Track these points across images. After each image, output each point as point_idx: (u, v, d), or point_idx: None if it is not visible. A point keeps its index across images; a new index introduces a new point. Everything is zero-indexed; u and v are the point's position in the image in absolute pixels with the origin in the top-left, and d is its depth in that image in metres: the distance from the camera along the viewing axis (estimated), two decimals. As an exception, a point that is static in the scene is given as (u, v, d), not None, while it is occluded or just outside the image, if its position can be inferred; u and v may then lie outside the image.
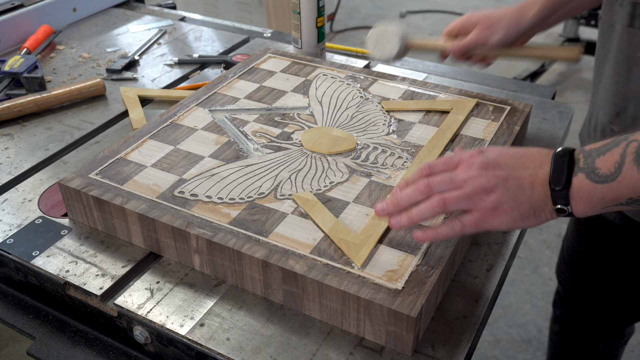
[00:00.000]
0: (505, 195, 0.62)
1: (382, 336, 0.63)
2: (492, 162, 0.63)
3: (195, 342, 0.65)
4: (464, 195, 0.63)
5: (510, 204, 0.62)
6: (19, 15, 1.29)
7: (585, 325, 1.22)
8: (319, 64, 1.07)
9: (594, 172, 0.59)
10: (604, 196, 0.59)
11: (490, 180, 0.62)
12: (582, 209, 0.60)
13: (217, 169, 0.80)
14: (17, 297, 0.77)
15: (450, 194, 0.63)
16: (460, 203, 0.63)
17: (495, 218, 0.63)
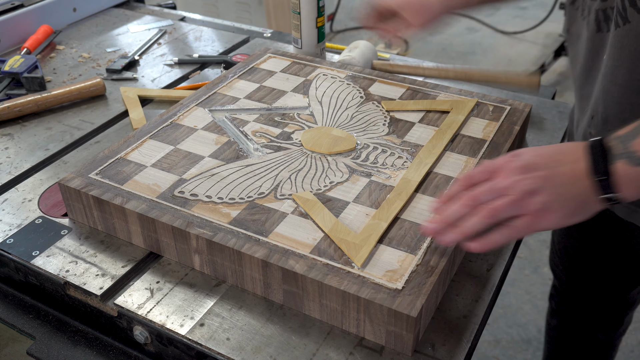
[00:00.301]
0: (551, 195, 0.62)
1: (382, 336, 0.63)
2: (530, 165, 0.63)
3: (195, 342, 0.65)
4: (511, 202, 0.62)
5: (558, 202, 0.62)
6: (19, 15, 1.29)
7: (584, 316, 1.22)
8: (319, 64, 1.07)
9: (634, 155, 0.60)
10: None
11: (533, 182, 0.62)
12: (631, 192, 0.61)
13: (217, 169, 0.80)
14: (17, 297, 0.77)
15: (498, 202, 0.63)
16: (510, 210, 0.63)
17: (545, 219, 0.62)
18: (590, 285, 1.17)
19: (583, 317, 1.23)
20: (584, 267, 1.15)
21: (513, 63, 3.29)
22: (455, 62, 3.33)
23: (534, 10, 3.87)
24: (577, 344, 1.29)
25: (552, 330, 1.33)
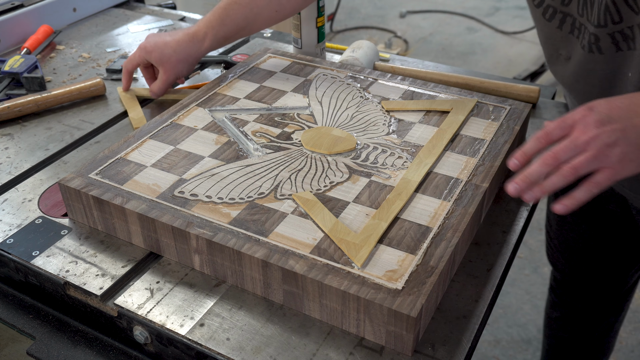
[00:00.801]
0: (628, 146, 0.64)
1: (382, 336, 0.63)
2: (606, 118, 0.65)
3: (195, 342, 0.65)
4: (591, 157, 0.64)
5: (635, 152, 0.64)
6: (19, 15, 1.29)
7: (587, 305, 1.23)
8: (319, 64, 1.07)
9: None
10: None
11: (610, 135, 0.64)
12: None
13: (217, 169, 0.80)
14: (17, 297, 0.77)
15: (579, 159, 0.64)
16: (590, 165, 0.64)
17: (625, 169, 0.64)
18: (592, 273, 1.18)
19: (586, 306, 1.23)
20: (585, 257, 1.16)
21: (513, 63, 3.29)
22: (455, 62, 3.33)
23: (534, 10, 3.87)
24: (579, 334, 1.29)
25: (554, 323, 1.34)
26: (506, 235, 0.79)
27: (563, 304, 1.28)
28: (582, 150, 0.65)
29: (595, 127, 0.65)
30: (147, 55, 1.01)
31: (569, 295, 1.25)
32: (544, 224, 2.18)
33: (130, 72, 1.07)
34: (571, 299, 1.25)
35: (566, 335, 1.32)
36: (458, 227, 0.71)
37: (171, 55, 0.99)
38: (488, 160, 0.82)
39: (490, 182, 0.78)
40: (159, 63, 1.01)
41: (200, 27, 1.00)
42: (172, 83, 1.05)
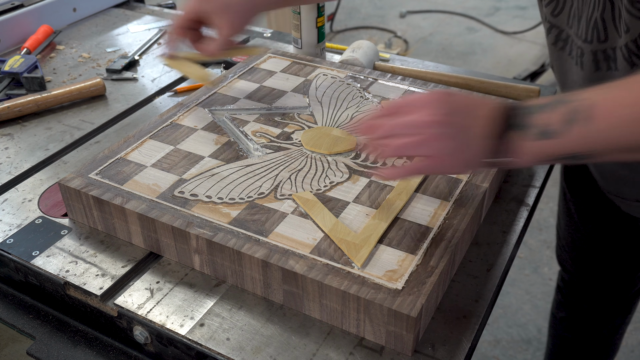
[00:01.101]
0: (461, 143, 0.64)
1: (382, 336, 0.63)
2: (448, 108, 0.65)
3: (195, 342, 0.65)
4: (421, 141, 0.65)
5: (462, 151, 0.65)
6: (19, 15, 1.29)
7: (594, 306, 1.23)
8: (319, 64, 1.07)
9: (536, 127, 0.61)
10: (544, 150, 0.61)
11: (442, 128, 0.64)
12: (527, 161, 0.63)
13: (217, 169, 0.80)
14: (17, 297, 0.77)
15: (409, 139, 0.65)
16: (420, 148, 0.65)
17: (447, 164, 0.66)
18: (600, 274, 1.17)
19: (593, 308, 1.23)
20: (593, 258, 1.15)
21: (513, 63, 3.29)
22: (455, 62, 3.33)
23: (534, 10, 3.87)
24: (584, 335, 1.29)
25: (559, 323, 1.33)
26: (506, 235, 0.79)
27: (569, 304, 1.28)
28: (417, 133, 0.65)
29: (431, 113, 0.65)
30: (206, 3, 0.86)
31: (576, 295, 1.25)
32: (544, 224, 2.19)
33: (181, 28, 0.89)
34: (577, 299, 1.25)
35: (571, 336, 1.32)
36: (458, 227, 0.71)
37: (237, 3, 0.86)
38: (488, 160, 0.82)
39: (490, 182, 0.78)
40: (223, 11, 0.86)
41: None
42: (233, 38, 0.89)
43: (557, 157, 0.62)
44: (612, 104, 0.58)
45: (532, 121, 0.61)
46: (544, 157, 0.62)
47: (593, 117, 0.58)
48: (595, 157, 0.62)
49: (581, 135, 0.59)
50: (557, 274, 1.30)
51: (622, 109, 0.58)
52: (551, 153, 0.61)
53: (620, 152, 0.60)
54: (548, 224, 2.22)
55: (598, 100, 0.59)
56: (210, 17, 0.87)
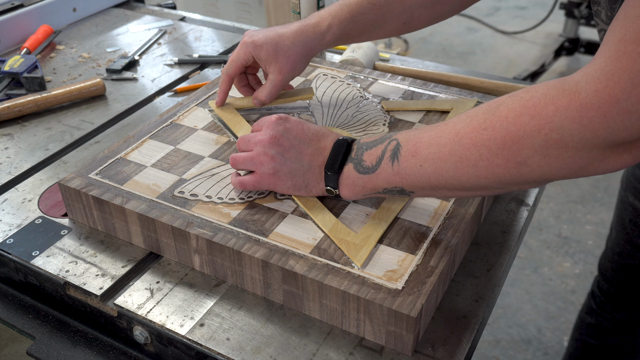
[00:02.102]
0: (283, 165, 0.71)
1: (382, 336, 0.63)
2: (281, 138, 0.71)
3: (195, 342, 0.65)
4: (248, 158, 0.73)
5: (286, 174, 0.71)
6: (19, 15, 1.29)
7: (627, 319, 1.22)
8: (319, 64, 1.07)
9: (361, 164, 0.67)
10: (364, 185, 0.67)
11: (275, 149, 0.71)
12: (347, 193, 0.70)
13: (217, 169, 0.80)
14: (17, 297, 0.77)
15: (240, 156, 0.74)
16: (246, 164, 0.73)
17: (271, 182, 0.72)
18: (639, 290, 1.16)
19: (626, 319, 1.22)
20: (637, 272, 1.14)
21: (513, 63, 3.29)
22: (455, 62, 3.33)
23: (534, 10, 3.87)
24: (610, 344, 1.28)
25: (586, 328, 1.32)
26: (506, 235, 0.79)
27: (601, 313, 1.26)
28: (249, 148, 0.73)
29: (271, 138, 0.71)
30: (256, 50, 0.84)
31: (610, 305, 1.24)
32: (544, 224, 2.19)
33: (233, 77, 0.88)
34: (611, 309, 1.24)
35: (597, 344, 1.31)
36: (458, 227, 0.71)
37: (289, 48, 0.83)
38: (488, 160, 0.82)
39: (490, 182, 0.78)
40: (273, 59, 0.84)
41: (324, 17, 0.85)
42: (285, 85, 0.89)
43: (376, 191, 0.67)
44: (414, 144, 0.63)
45: (363, 157, 0.67)
46: (365, 191, 0.68)
47: (399, 157, 0.64)
48: (413, 193, 0.66)
49: (388, 173, 0.65)
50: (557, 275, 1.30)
51: (424, 148, 0.62)
52: (370, 187, 0.67)
53: (432, 189, 0.64)
54: (548, 224, 2.22)
55: (406, 140, 0.64)
56: (260, 63, 0.87)
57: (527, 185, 0.60)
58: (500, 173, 0.58)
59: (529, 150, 0.55)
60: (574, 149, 0.53)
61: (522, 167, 0.57)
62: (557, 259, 2.07)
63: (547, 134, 0.54)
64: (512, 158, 0.56)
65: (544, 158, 0.55)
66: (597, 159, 0.54)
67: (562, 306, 1.89)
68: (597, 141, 0.52)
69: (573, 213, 2.27)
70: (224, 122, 0.89)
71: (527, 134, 0.55)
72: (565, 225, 2.21)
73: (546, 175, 0.57)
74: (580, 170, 0.55)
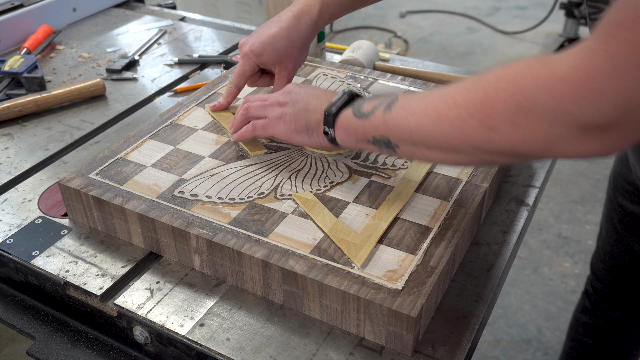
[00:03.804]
0: (289, 110, 0.77)
1: (382, 336, 0.63)
2: (295, 90, 0.79)
3: (195, 342, 0.65)
4: (261, 105, 0.80)
5: (291, 117, 0.76)
6: (19, 15, 1.29)
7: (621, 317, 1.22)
8: (319, 64, 1.07)
9: (359, 109, 0.70)
10: (357, 129, 0.70)
11: (285, 97, 0.78)
12: (340, 135, 0.72)
13: (217, 169, 0.80)
14: (17, 297, 0.77)
15: (254, 103, 0.81)
16: (259, 110, 0.80)
17: (276, 126, 0.78)
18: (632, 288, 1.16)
19: (620, 318, 1.22)
20: (628, 271, 1.14)
21: (513, 63, 3.28)
22: (455, 62, 3.33)
23: (534, 10, 3.87)
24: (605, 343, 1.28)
25: (581, 327, 1.32)
26: (506, 235, 0.79)
27: (595, 312, 1.27)
28: (263, 100, 0.80)
29: (287, 91, 0.79)
30: (259, 58, 0.88)
31: (604, 304, 1.24)
32: (544, 224, 2.19)
33: (240, 88, 0.92)
34: (605, 308, 1.24)
35: (592, 342, 1.31)
36: (458, 227, 0.71)
37: (287, 46, 0.86)
38: (488, 160, 0.82)
39: (490, 182, 0.78)
40: (276, 62, 0.88)
41: (309, 2, 0.87)
42: (294, 75, 0.92)
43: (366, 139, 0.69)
44: (408, 99, 0.66)
45: (363, 105, 0.70)
46: (357, 136, 0.70)
47: (392, 107, 0.66)
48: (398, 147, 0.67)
49: (379, 120, 0.67)
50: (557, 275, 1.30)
51: (414, 103, 0.65)
52: (361, 133, 0.69)
53: (413, 144, 0.65)
54: (548, 224, 2.22)
55: (404, 96, 0.67)
56: (265, 67, 0.90)
57: (497, 155, 0.60)
58: (473, 135, 0.59)
59: (500, 115, 0.56)
60: (542, 121, 0.54)
61: (492, 132, 0.57)
62: (557, 259, 2.07)
63: (519, 101, 0.54)
64: (485, 121, 0.57)
65: (513, 126, 0.56)
66: (565, 139, 0.54)
67: (562, 306, 1.89)
68: (566, 117, 0.52)
69: (573, 213, 2.27)
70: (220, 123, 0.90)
71: (501, 98, 0.56)
72: (565, 225, 2.21)
73: (514, 147, 0.57)
74: (547, 147, 0.55)
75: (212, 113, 0.92)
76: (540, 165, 0.92)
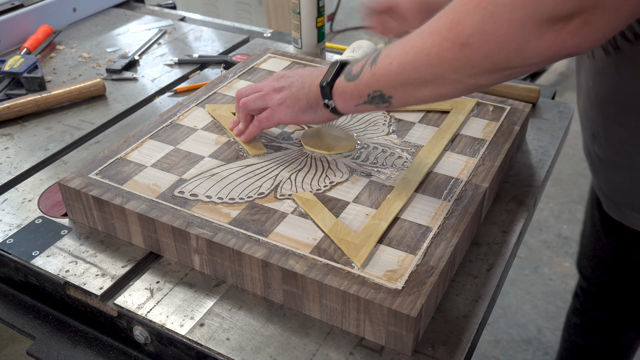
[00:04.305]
0: (288, 94, 0.78)
1: (382, 336, 0.63)
2: (287, 73, 0.81)
3: (195, 342, 0.65)
4: (258, 95, 0.81)
5: (292, 100, 0.78)
6: (19, 15, 1.29)
7: (609, 318, 1.22)
8: (319, 64, 1.07)
9: (349, 73, 0.72)
10: (352, 92, 0.72)
11: (279, 83, 0.80)
12: (340, 104, 0.74)
13: (217, 169, 0.80)
14: (17, 297, 0.77)
15: (250, 96, 0.82)
16: (257, 101, 0.81)
17: (281, 112, 0.79)
18: (618, 289, 1.16)
19: (608, 318, 1.22)
20: (613, 269, 1.14)
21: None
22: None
23: (534, 10, 3.86)
24: (596, 345, 1.28)
25: (573, 329, 1.33)
26: (506, 235, 0.79)
27: (585, 312, 1.27)
28: (257, 91, 0.82)
29: (276, 77, 0.81)
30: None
31: (592, 304, 1.24)
32: (544, 224, 2.19)
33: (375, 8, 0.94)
34: (594, 308, 1.24)
35: (584, 343, 1.31)
36: (458, 227, 0.71)
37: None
38: (488, 160, 0.82)
39: (490, 182, 0.78)
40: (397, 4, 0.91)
41: None
42: None
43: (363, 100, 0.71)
44: (391, 47, 0.68)
45: (352, 68, 0.72)
46: (353, 99, 0.72)
47: (376, 60, 0.68)
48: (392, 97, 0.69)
49: (368, 76, 0.69)
50: (557, 275, 1.30)
51: (395, 47, 0.66)
52: (357, 94, 0.71)
53: (402, 87, 0.67)
54: (548, 224, 2.22)
55: (387, 47, 0.69)
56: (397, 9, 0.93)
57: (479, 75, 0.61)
58: (449, 57, 0.60)
59: (469, 28, 0.58)
60: (508, 22, 0.55)
61: (466, 48, 0.59)
62: (557, 259, 2.07)
63: (485, 7, 0.56)
64: (456, 39, 0.59)
65: (483, 35, 0.57)
66: (534, 36, 0.55)
67: (562, 306, 1.89)
68: (528, 12, 0.54)
69: (573, 213, 2.27)
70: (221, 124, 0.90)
71: (468, 11, 0.58)
72: (565, 225, 2.21)
73: (490, 58, 0.58)
74: (519, 50, 0.56)
75: (212, 114, 0.92)
76: (540, 165, 0.92)
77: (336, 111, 0.75)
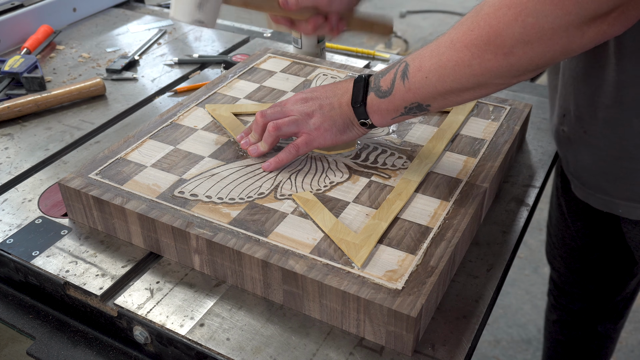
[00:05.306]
0: (322, 117, 0.77)
1: (382, 336, 0.63)
2: (309, 96, 0.79)
3: (195, 342, 0.65)
4: (292, 120, 0.78)
5: (329, 122, 0.77)
6: (19, 15, 1.29)
7: (583, 309, 1.23)
8: (319, 64, 1.07)
9: (379, 89, 0.72)
10: (388, 108, 0.72)
11: (309, 107, 0.78)
12: (377, 120, 0.75)
13: (217, 169, 0.80)
14: (17, 297, 0.77)
15: (282, 120, 0.78)
16: (290, 126, 0.78)
17: (320, 136, 0.77)
18: (588, 277, 1.17)
19: (582, 310, 1.23)
20: (581, 257, 1.15)
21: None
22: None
23: (534, 10, 3.86)
24: (575, 338, 1.29)
25: (552, 326, 1.34)
26: (506, 235, 0.79)
27: (560, 307, 1.28)
28: (287, 115, 0.79)
29: (300, 101, 0.79)
30: None
31: (565, 297, 1.25)
32: (544, 224, 2.19)
33: None
34: (567, 301, 1.25)
35: (563, 339, 1.32)
36: (458, 227, 0.71)
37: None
38: (488, 160, 0.82)
39: (490, 182, 0.78)
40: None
41: None
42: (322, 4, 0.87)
43: (399, 112, 0.72)
44: (419, 61, 0.68)
45: (380, 84, 0.72)
46: (391, 114, 0.73)
47: (408, 75, 0.69)
48: (430, 106, 0.70)
49: (403, 91, 0.70)
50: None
51: (426, 61, 0.67)
52: (393, 109, 0.72)
53: (442, 97, 0.68)
54: (548, 224, 2.22)
55: (412, 59, 0.69)
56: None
57: (523, 75, 0.63)
58: (493, 67, 0.61)
59: (511, 39, 0.59)
60: (551, 30, 0.56)
61: (510, 57, 0.60)
62: (554, 256, 2.07)
63: (524, 20, 0.57)
64: (499, 50, 0.60)
65: (527, 45, 0.58)
66: (577, 36, 0.57)
67: (562, 306, 1.89)
68: (570, 18, 0.55)
69: (573, 213, 2.26)
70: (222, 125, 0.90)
71: (506, 24, 0.58)
72: (565, 225, 2.21)
73: (535, 61, 0.60)
74: (564, 50, 0.58)
75: (212, 114, 0.92)
76: (540, 165, 0.92)
77: (373, 126, 0.76)
